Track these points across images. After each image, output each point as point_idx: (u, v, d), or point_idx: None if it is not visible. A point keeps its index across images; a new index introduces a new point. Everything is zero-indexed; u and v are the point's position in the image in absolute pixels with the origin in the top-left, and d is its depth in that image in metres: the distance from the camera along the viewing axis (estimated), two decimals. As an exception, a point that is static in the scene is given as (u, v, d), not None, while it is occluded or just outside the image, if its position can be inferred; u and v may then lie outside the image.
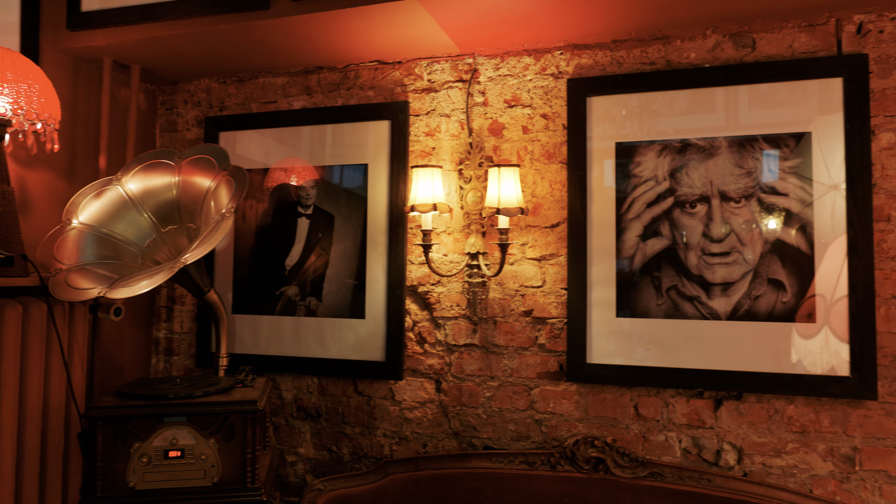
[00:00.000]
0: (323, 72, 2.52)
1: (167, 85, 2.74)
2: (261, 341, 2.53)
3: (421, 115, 2.38)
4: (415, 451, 2.32)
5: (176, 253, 2.18)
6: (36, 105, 1.88)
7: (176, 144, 2.73)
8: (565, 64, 2.23)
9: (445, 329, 2.30)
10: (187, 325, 2.68)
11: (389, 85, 2.43)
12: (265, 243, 2.55)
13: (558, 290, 2.19)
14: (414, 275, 2.35)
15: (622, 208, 2.13)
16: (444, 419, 2.29)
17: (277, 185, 2.56)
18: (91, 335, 2.17)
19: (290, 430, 2.48)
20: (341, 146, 2.47)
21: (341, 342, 2.41)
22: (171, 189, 2.16)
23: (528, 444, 2.19)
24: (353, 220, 2.42)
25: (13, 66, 1.85)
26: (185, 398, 1.88)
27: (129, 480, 1.82)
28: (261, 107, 2.61)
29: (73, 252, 2.02)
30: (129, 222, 2.15)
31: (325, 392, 2.45)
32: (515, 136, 2.27)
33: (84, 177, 2.43)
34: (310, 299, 2.46)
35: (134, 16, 2.21)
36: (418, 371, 2.33)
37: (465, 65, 2.34)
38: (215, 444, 1.87)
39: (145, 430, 1.84)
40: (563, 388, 2.17)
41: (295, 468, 2.47)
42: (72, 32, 2.30)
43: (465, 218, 2.28)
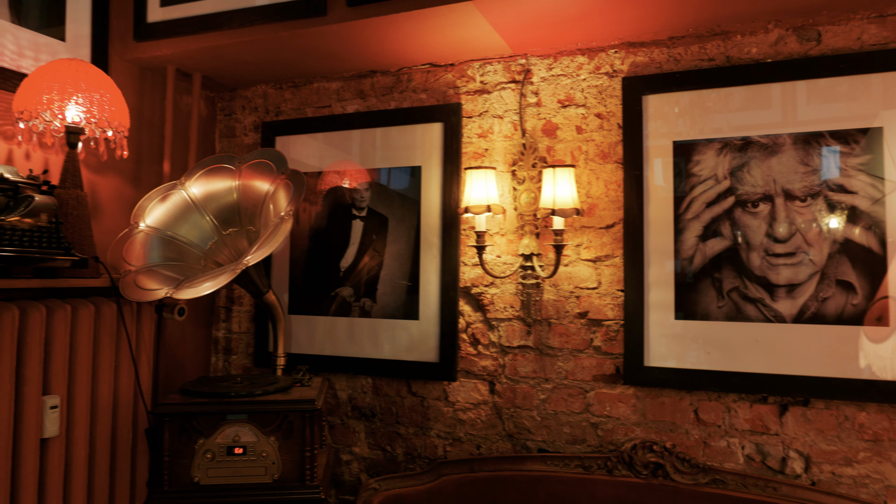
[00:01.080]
0: (376, 76, 2.55)
1: (226, 92, 2.83)
2: (316, 341, 2.57)
3: (473, 117, 2.39)
4: (468, 452, 2.32)
5: (236, 255, 2.25)
6: (107, 113, 1.96)
7: (234, 149, 2.81)
8: (620, 62, 2.20)
9: (499, 330, 2.30)
10: (245, 325, 2.75)
11: (442, 87, 2.45)
12: (320, 245, 2.60)
13: (614, 291, 2.16)
14: (467, 276, 2.36)
15: (680, 208, 2.09)
16: (498, 421, 2.28)
17: (331, 188, 2.60)
18: (156, 334, 2.25)
19: (344, 429, 2.52)
20: (394, 149, 2.50)
21: (395, 343, 2.44)
22: (231, 193, 2.22)
23: (584, 447, 2.17)
24: (407, 222, 2.45)
25: (86, 77, 1.93)
26: (246, 396, 1.93)
27: (194, 475, 1.88)
28: (315, 111, 2.66)
29: (140, 254, 2.10)
30: (192, 225, 2.22)
31: (380, 392, 2.47)
32: (569, 137, 2.25)
33: (149, 181, 2.52)
34: (364, 300, 2.49)
35: (196, 25, 2.29)
36: (472, 372, 2.33)
37: (517, 66, 2.34)
38: (275, 441, 1.91)
39: (209, 427, 1.89)
40: (619, 391, 2.13)
41: (350, 467, 2.50)
42: (138, 43, 2.39)
43: (519, 219, 2.27)
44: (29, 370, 1.79)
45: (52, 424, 1.84)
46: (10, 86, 2.01)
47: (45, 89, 1.87)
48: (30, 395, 1.79)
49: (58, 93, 1.87)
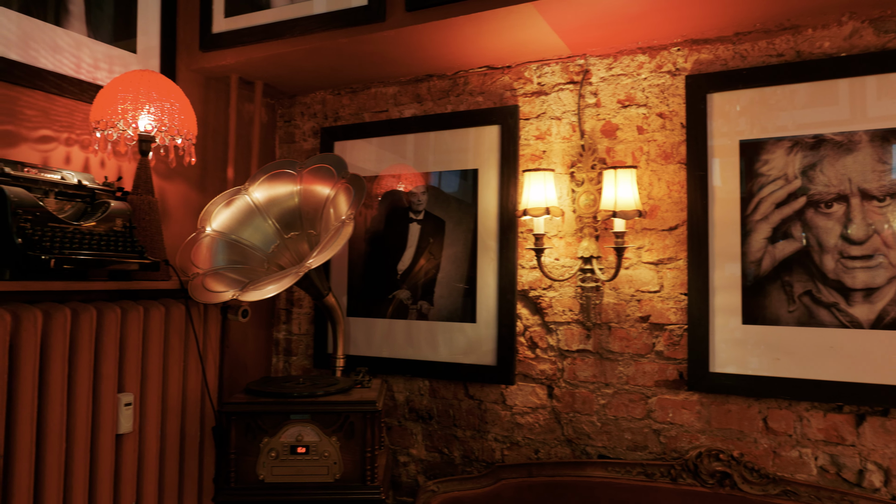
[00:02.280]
0: (433, 79, 2.57)
1: (285, 98, 2.89)
2: (374, 343, 2.60)
3: (531, 119, 2.37)
4: (526, 456, 2.30)
5: (297, 258, 2.29)
6: (177, 122, 2.03)
7: (293, 155, 2.87)
8: (683, 60, 2.15)
9: (557, 334, 2.27)
10: (305, 326, 2.80)
11: (499, 90, 2.44)
12: (377, 248, 2.62)
13: (677, 295, 2.11)
14: (525, 279, 2.34)
15: (747, 209, 2.02)
16: (557, 426, 2.26)
17: (388, 191, 2.63)
18: (221, 335, 2.32)
19: (402, 430, 2.54)
20: (451, 152, 2.50)
21: (452, 346, 2.44)
22: (293, 197, 2.27)
23: (646, 454, 2.12)
24: (464, 225, 2.45)
25: (157, 87, 2.01)
26: (309, 397, 1.97)
27: (259, 473, 1.93)
28: (373, 116, 2.69)
29: (206, 257, 2.17)
30: (255, 229, 2.28)
31: (437, 395, 2.48)
32: (630, 137, 2.21)
33: (213, 187, 2.60)
34: (421, 303, 2.51)
35: (259, 35, 2.35)
36: (530, 376, 2.31)
37: (576, 66, 2.31)
38: (337, 441, 1.94)
39: (273, 426, 1.94)
40: (683, 397, 2.08)
41: (407, 468, 2.52)
42: (203, 53, 2.47)
43: (578, 221, 2.24)
44: (105, 368, 1.87)
45: (126, 421, 1.92)
46: (87, 97, 2.11)
47: (120, 100, 1.95)
48: (106, 392, 1.87)
49: (131, 103, 1.95)
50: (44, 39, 2.01)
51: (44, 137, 2.00)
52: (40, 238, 1.66)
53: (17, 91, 1.93)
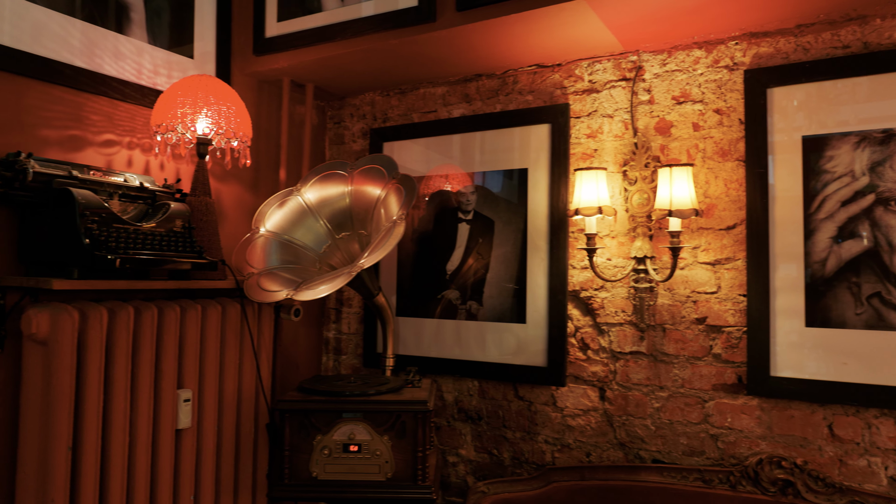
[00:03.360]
0: (482, 79, 2.56)
1: (335, 100, 2.93)
2: (422, 343, 2.61)
3: (582, 117, 2.34)
4: (578, 459, 2.27)
5: (349, 258, 2.31)
6: (233, 125, 2.08)
7: (343, 156, 2.90)
8: (741, 54, 2.09)
9: (609, 335, 2.23)
10: (354, 326, 2.83)
11: (549, 88, 2.41)
12: (426, 248, 2.63)
13: (735, 296, 2.04)
14: (575, 279, 2.31)
15: (811, 207, 1.95)
16: (609, 428, 2.22)
17: (436, 191, 2.63)
18: (274, 334, 2.36)
19: (451, 431, 2.54)
20: (500, 151, 2.49)
21: (502, 346, 2.42)
22: (344, 198, 2.30)
23: (702, 459, 2.06)
24: (513, 225, 2.43)
25: (214, 91, 2.06)
26: (360, 396, 1.98)
27: (312, 470, 1.95)
28: (421, 116, 2.70)
29: (260, 257, 2.21)
30: (307, 229, 2.32)
31: (486, 395, 2.47)
32: (685, 134, 2.16)
33: (266, 188, 2.65)
34: (470, 303, 2.50)
35: (310, 38, 2.38)
36: (581, 378, 2.28)
37: (628, 63, 2.27)
38: (388, 440, 1.95)
39: (326, 424, 1.96)
40: (742, 401, 2.02)
41: (456, 469, 2.52)
42: (257, 57, 2.53)
43: (631, 221, 2.20)
44: (165, 365, 1.92)
45: (185, 416, 1.97)
46: (147, 102, 2.18)
47: (179, 104, 2.01)
48: (166, 388, 1.92)
49: (190, 107, 2.00)
50: (107, 47, 2.08)
51: (108, 141, 2.08)
52: (106, 238, 1.72)
53: (84, 97, 2.01)
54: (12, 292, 1.79)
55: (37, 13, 1.90)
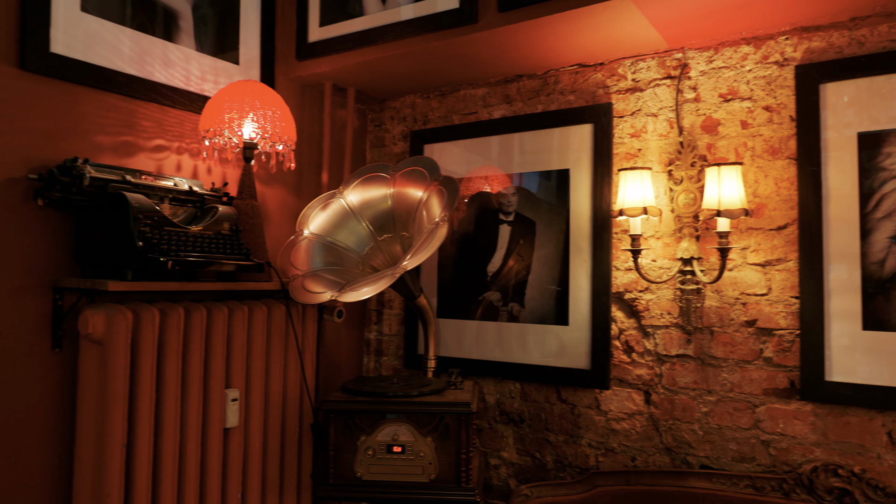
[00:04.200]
0: (522, 80, 2.55)
1: (375, 103, 2.95)
2: (464, 345, 2.60)
3: (625, 116, 2.31)
4: (622, 464, 2.23)
5: (391, 259, 2.33)
6: (278, 129, 2.11)
7: (383, 158, 2.92)
8: (792, 49, 2.03)
9: (655, 338, 2.20)
10: (395, 327, 2.84)
11: (591, 87, 2.39)
12: (466, 250, 2.63)
13: (787, 298, 1.99)
14: (619, 281, 2.28)
15: (867, 206, 1.88)
16: (655, 433, 2.18)
17: (476, 193, 2.63)
18: (318, 335, 2.39)
19: (493, 433, 2.53)
20: (542, 152, 2.47)
21: (544, 348, 2.40)
22: (386, 200, 2.31)
23: (753, 466, 2.01)
24: (555, 226, 2.41)
25: (260, 96, 2.10)
26: (404, 397, 1.99)
27: (357, 471, 1.96)
28: (462, 118, 2.70)
29: (304, 259, 2.24)
30: (350, 231, 2.34)
31: (528, 398, 2.45)
32: (732, 132, 2.11)
33: (308, 191, 2.69)
34: (512, 305, 2.49)
35: (352, 42, 2.41)
36: (625, 381, 2.24)
37: (673, 60, 2.23)
38: (432, 442, 1.95)
39: (370, 425, 1.97)
40: (795, 407, 1.96)
41: (498, 471, 2.50)
42: (299, 62, 2.56)
43: (676, 221, 2.16)
44: (214, 365, 1.96)
45: (232, 416, 2.01)
46: (195, 108, 2.23)
47: (226, 109, 2.05)
48: (215, 388, 1.96)
49: (237, 112, 2.04)
50: (157, 54, 2.14)
51: (158, 147, 2.13)
52: (158, 241, 1.77)
53: (135, 104, 2.07)
54: (69, 293, 1.85)
55: (91, 23, 1.96)
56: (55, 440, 1.83)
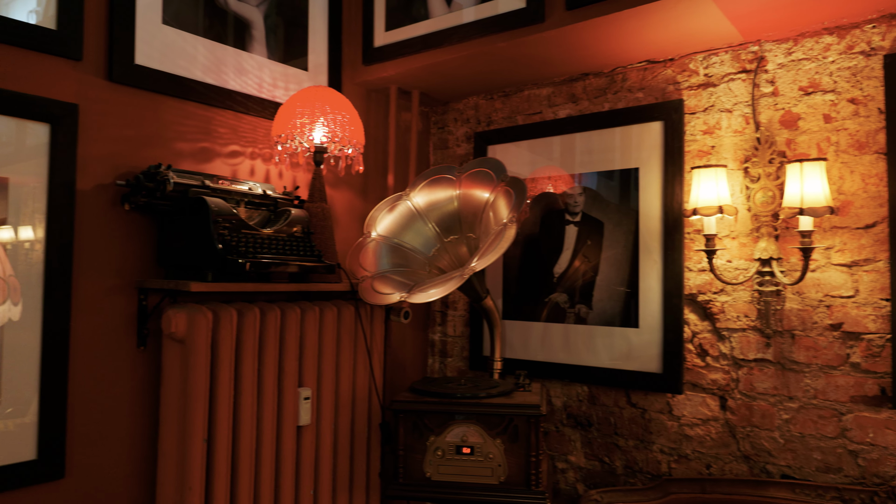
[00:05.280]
0: (588, 78, 2.51)
1: (439, 105, 2.97)
2: (529, 347, 2.58)
3: (697, 113, 2.24)
4: (697, 471, 2.16)
5: (457, 261, 2.33)
6: (347, 133, 2.15)
7: (447, 160, 2.93)
8: (880, 38, 1.92)
9: (731, 342, 2.12)
10: (459, 329, 2.85)
11: (660, 84, 2.33)
12: (532, 251, 2.61)
13: (876, 300, 1.88)
14: (692, 282, 2.21)
15: (967, 203, 1.76)
16: (732, 440, 2.10)
17: (541, 193, 2.60)
18: (385, 335, 2.42)
19: (559, 436, 2.50)
20: (609, 151, 2.43)
21: (613, 351, 2.36)
22: (452, 201, 2.32)
23: (840, 477, 1.91)
24: (624, 227, 2.36)
25: (330, 101, 2.14)
26: (472, 398, 1.99)
27: (426, 471, 1.97)
28: (526, 118, 2.68)
29: (372, 260, 2.27)
30: (416, 232, 2.35)
31: (596, 401, 2.41)
32: (814, 127, 2.01)
33: (374, 194, 2.73)
34: (579, 306, 2.45)
35: (418, 45, 2.43)
36: (699, 385, 2.18)
37: (748, 53, 2.15)
38: (501, 444, 1.94)
39: (438, 426, 1.98)
40: (886, 416, 1.85)
41: (565, 475, 2.47)
42: (366, 67, 2.60)
43: (753, 220, 2.08)
44: (287, 364, 2.01)
45: (305, 414, 2.06)
46: (267, 114, 2.29)
47: (298, 114, 2.10)
48: (288, 386, 2.01)
49: (308, 117, 2.09)
50: (231, 63, 2.21)
51: (233, 152, 2.21)
52: (236, 244, 1.83)
53: (212, 111, 2.15)
54: (153, 294, 1.93)
55: (170, 34, 2.05)
56: (140, 433, 1.91)
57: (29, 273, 1.70)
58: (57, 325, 1.73)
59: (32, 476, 1.69)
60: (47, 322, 1.72)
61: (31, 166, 1.72)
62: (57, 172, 1.75)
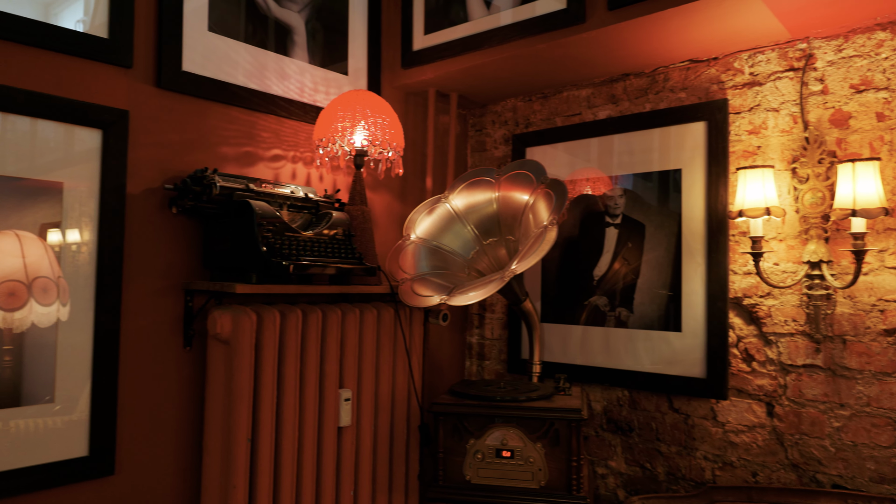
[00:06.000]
0: (629, 78, 2.48)
1: (476, 108, 2.96)
2: (568, 350, 2.56)
3: (742, 112, 2.19)
4: (742, 479, 2.11)
5: (496, 263, 2.33)
6: (388, 136, 2.16)
7: (485, 163, 2.93)
8: (936, 33, 1.86)
9: (778, 346, 2.07)
10: (497, 331, 2.84)
11: (704, 84, 2.29)
12: (571, 254, 2.58)
13: (934, 305, 1.81)
14: (737, 286, 2.16)
15: None
16: (779, 447, 2.05)
17: (580, 195, 2.58)
18: (424, 337, 2.42)
19: (599, 441, 2.46)
20: (650, 152, 2.39)
21: (654, 355, 2.32)
22: (491, 204, 2.31)
23: (895, 488, 1.84)
24: (666, 229, 2.32)
25: (371, 105, 2.16)
26: (512, 401, 1.98)
27: (466, 474, 1.97)
28: (565, 120, 2.66)
29: (411, 263, 2.28)
30: (455, 235, 2.36)
31: (637, 406, 2.37)
32: (866, 126, 1.95)
33: (413, 196, 2.74)
34: (620, 310, 2.42)
35: (457, 48, 2.43)
36: (745, 391, 2.13)
37: (796, 51, 2.09)
38: (541, 448, 1.93)
39: (478, 429, 1.97)
40: (944, 425, 1.78)
41: (605, 481, 2.44)
42: (405, 70, 2.62)
43: (802, 222, 2.02)
44: (328, 365, 2.03)
45: (345, 415, 2.07)
46: (309, 118, 2.32)
47: (339, 118, 2.12)
48: (329, 388, 2.03)
49: (349, 120, 2.11)
50: (274, 68, 2.25)
51: (275, 156, 2.24)
52: (280, 246, 1.86)
53: (255, 116, 2.18)
54: (199, 295, 1.97)
55: (216, 41, 2.09)
56: (185, 431, 1.95)
57: (76, 275, 1.75)
58: (108, 326, 1.78)
59: (84, 472, 1.74)
60: (99, 322, 1.77)
61: (83, 171, 1.77)
62: (108, 177, 1.80)
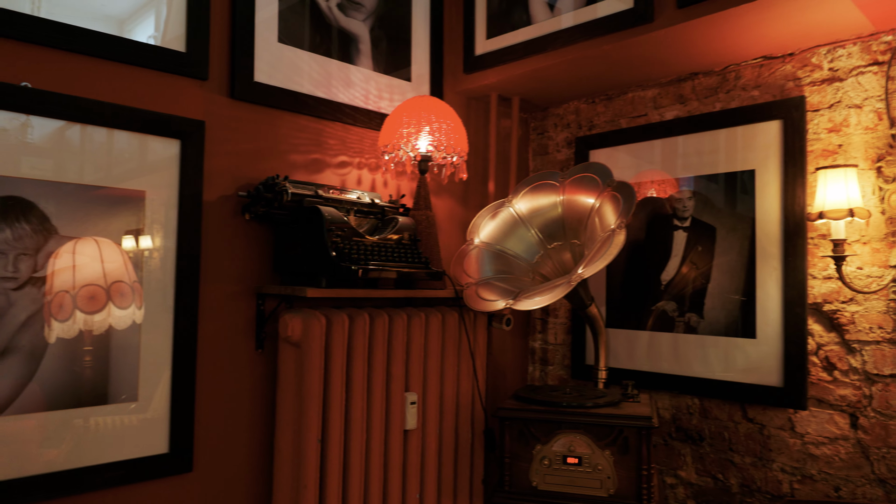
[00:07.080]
0: (697, 77, 2.41)
1: (538, 111, 2.94)
2: (634, 356, 2.50)
3: (821, 110, 2.10)
4: (823, 493, 2.02)
5: (560, 268, 2.30)
6: (452, 141, 2.17)
7: (547, 166, 2.90)
8: None
9: (862, 355, 1.96)
10: (560, 336, 2.81)
11: (778, 81, 2.20)
12: (637, 257, 2.53)
13: None
14: (816, 291, 2.07)
15: None
16: (865, 461, 1.94)
17: (646, 198, 2.52)
18: (487, 342, 2.42)
19: (668, 450, 2.40)
20: (721, 153, 2.32)
21: (727, 362, 2.24)
22: (555, 207, 2.29)
23: None
24: (739, 232, 2.24)
25: (435, 110, 2.17)
26: (579, 408, 1.95)
27: (532, 480, 1.96)
28: (630, 122, 2.61)
29: (475, 267, 2.28)
30: (519, 239, 2.35)
31: (708, 415, 2.30)
32: (960, 121, 1.84)
33: (475, 201, 2.74)
34: (689, 315, 2.35)
35: (519, 52, 2.42)
36: (825, 401, 2.03)
37: (881, 44, 1.99)
38: (610, 456, 1.90)
39: (545, 434, 1.96)
40: None
41: (675, 491, 2.37)
42: (466, 75, 2.63)
43: (888, 224, 1.92)
44: (395, 368, 2.05)
45: (411, 418, 2.09)
46: (373, 125, 2.36)
47: (404, 124, 2.15)
48: (396, 391, 2.05)
49: (413, 126, 2.13)
50: (340, 77, 2.30)
51: (342, 163, 2.29)
52: (349, 251, 1.89)
53: (322, 124, 2.23)
54: (270, 299, 2.03)
55: (285, 52, 2.15)
56: (258, 430, 2.01)
57: (154, 279, 1.82)
58: (186, 328, 1.85)
59: (165, 468, 1.81)
60: (178, 324, 1.84)
61: (162, 179, 1.85)
62: (186, 185, 1.87)
